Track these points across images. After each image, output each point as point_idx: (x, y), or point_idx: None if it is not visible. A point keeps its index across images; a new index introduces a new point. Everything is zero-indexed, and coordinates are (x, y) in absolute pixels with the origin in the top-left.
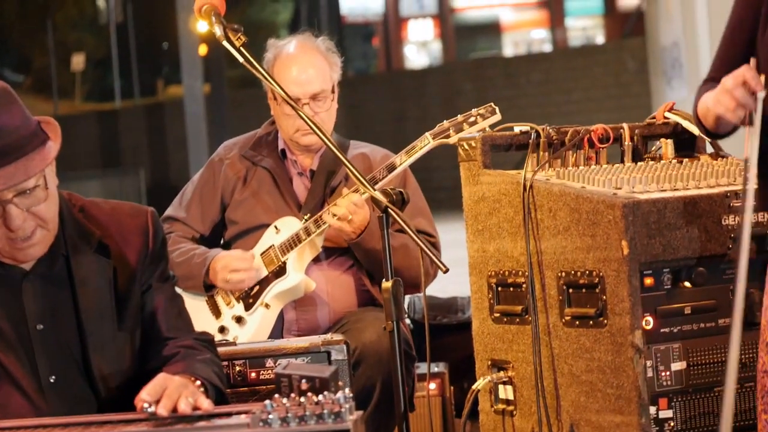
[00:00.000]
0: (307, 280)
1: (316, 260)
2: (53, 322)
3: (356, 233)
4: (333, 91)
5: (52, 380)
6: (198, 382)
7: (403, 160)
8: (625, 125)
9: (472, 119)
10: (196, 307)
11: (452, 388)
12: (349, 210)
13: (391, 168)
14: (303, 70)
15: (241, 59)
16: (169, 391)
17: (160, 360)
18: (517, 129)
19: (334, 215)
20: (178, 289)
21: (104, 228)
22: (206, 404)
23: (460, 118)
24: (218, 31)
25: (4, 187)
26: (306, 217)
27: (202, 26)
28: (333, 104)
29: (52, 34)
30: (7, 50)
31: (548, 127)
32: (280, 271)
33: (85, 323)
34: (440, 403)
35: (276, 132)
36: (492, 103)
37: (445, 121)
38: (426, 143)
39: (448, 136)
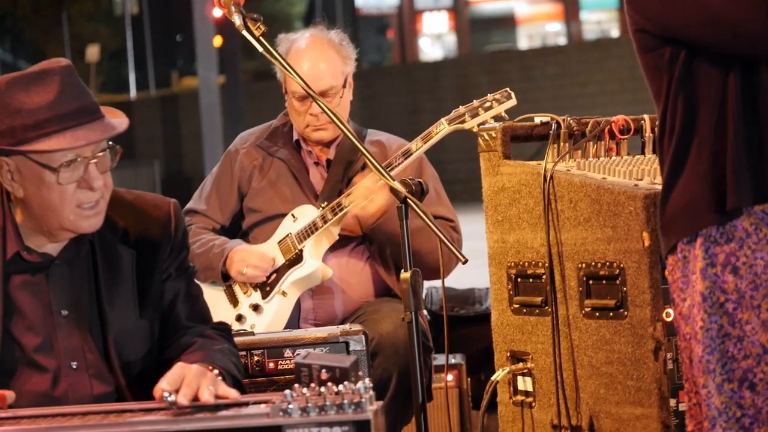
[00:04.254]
0: (324, 267)
1: (333, 249)
2: (77, 309)
3: (375, 217)
4: (344, 86)
5: (74, 366)
6: (216, 371)
7: (419, 146)
8: (645, 116)
9: (487, 104)
10: (214, 297)
11: (469, 379)
12: (370, 192)
13: (407, 154)
14: (314, 65)
15: (260, 49)
16: (187, 379)
17: (177, 349)
18: (537, 120)
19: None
20: (196, 281)
21: (127, 218)
22: (232, 393)
23: (475, 103)
24: (238, 20)
25: (100, 138)
26: (323, 205)
27: (218, 12)
28: (344, 99)
29: (67, 26)
30: (22, 42)
31: (569, 118)
32: (297, 259)
33: (107, 311)
34: (457, 395)
35: (291, 123)
36: (508, 88)
37: (461, 106)
38: (441, 129)
39: (463, 122)
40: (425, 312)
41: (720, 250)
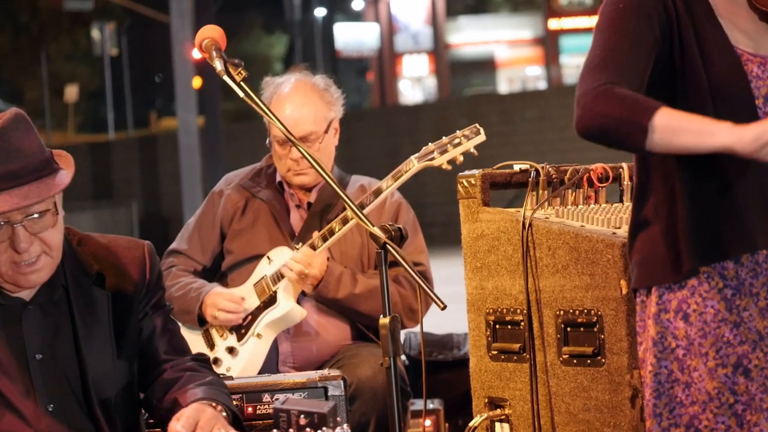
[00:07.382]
0: (298, 308)
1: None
2: (52, 352)
3: (313, 285)
4: (327, 131)
5: (50, 409)
6: (219, 408)
7: (390, 185)
8: (624, 165)
9: (457, 141)
10: (192, 341)
11: (447, 425)
12: (304, 264)
13: (378, 192)
14: (296, 110)
15: (241, 94)
16: (201, 423)
17: (163, 387)
18: (516, 167)
19: (291, 270)
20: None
21: (102, 261)
22: None
23: (445, 140)
24: (219, 65)
25: (17, 207)
26: (298, 247)
27: (197, 53)
28: (326, 144)
29: (46, 66)
30: (0, 81)
31: (548, 166)
32: (271, 301)
33: (84, 353)
34: None
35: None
36: (477, 124)
37: (430, 143)
38: (411, 167)
39: (433, 159)
40: (403, 357)
41: (673, 296)
